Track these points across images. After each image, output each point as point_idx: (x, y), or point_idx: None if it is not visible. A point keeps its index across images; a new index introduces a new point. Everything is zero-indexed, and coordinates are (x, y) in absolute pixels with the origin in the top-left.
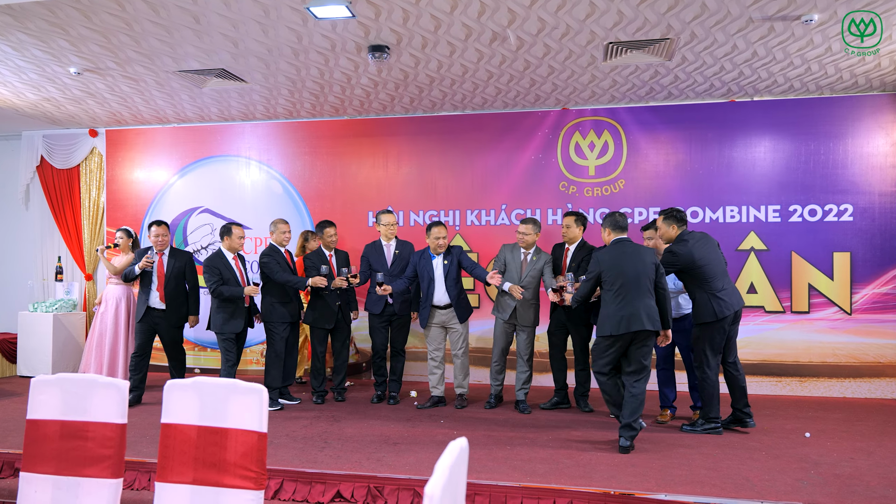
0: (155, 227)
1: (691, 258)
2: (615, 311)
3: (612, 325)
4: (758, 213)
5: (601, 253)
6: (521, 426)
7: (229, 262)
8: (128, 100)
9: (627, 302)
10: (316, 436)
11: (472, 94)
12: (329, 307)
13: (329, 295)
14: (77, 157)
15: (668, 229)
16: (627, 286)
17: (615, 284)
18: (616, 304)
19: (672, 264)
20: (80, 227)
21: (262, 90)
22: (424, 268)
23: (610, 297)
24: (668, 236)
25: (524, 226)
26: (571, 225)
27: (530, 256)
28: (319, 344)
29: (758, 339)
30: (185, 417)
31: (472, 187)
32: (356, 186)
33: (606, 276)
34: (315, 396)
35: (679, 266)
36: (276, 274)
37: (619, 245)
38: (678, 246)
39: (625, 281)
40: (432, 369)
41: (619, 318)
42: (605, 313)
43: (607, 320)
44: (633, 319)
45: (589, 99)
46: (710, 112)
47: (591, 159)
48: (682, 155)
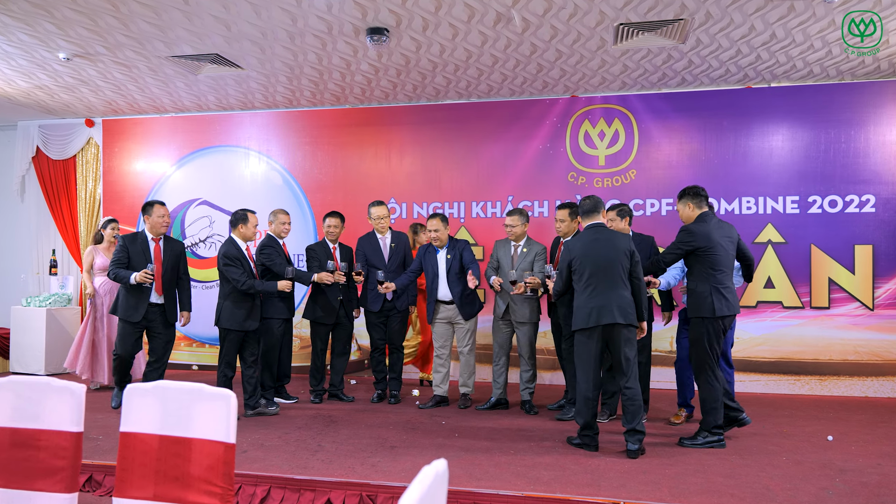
0: (158, 206)
1: (708, 238)
2: (584, 303)
3: (582, 318)
4: (775, 205)
5: (572, 240)
6: (526, 428)
7: (244, 253)
8: (122, 88)
9: (598, 293)
10: (309, 438)
11: (477, 81)
12: (330, 303)
13: (330, 290)
14: (73, 147)
15: (684, 209)
16: (598, 276)
17: (584, 274)
18: (586, 295)
19: (685, 244)
20: (77, 219)
21: (260, 77)
22: (429, 262)
23: (580, 288)
24: (685, 216)
25: (510, 217)
26: (566, 219)
27: (521, 249)
28: (320, 341)
29: (775, 335)
30: (145, 426)
31: (477, 178)
32: (358, 178)
33: (576, 266)
34: (313, 395)
35: (693, 246)
36: (278, 266)
37: (591, 231)
38: (697, 225)
39: (595, 270)
40: (437, 367)
41: (589, 309)
42: (575, 305)
43: (577, 312)
44: (604, 312)
45: (599, 86)
46: (725, 99)
47: (601, 149)
48: (695, 144)
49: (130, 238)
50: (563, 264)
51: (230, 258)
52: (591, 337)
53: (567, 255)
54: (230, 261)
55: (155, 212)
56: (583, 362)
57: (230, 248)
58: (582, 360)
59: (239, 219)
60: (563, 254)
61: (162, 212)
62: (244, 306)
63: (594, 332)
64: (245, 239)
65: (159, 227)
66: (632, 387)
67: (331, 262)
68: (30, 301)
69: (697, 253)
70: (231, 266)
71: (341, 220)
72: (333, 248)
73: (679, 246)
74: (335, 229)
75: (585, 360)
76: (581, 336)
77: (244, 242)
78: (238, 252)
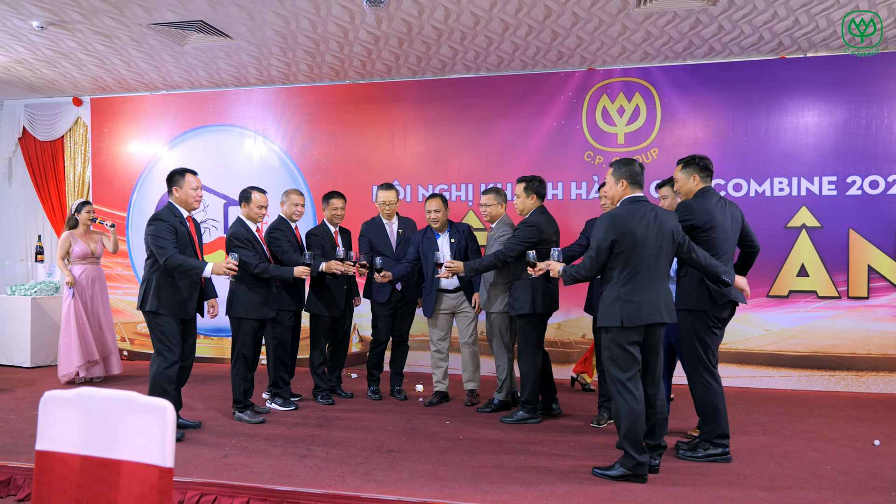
0: (191, 175)
1: (710, 216)
2: (627, 295)
3: (627, 314)
4: (810, 186)
5: (615, 215)
6: (539, 430)
7: (255, 234)
8: (106, 61)
9: (645, 285)
10: (299, 440)
11: (485, 52)
12: (335, 294)
13: (336, 280)
14: (61, 127)
15: (688, 180)
16: (645, 264)
17: (630, 259)
18: (629, 287)
19: (682, 221)
20: (65, 203)
21: (251, 48)
22: (428, 248)
23: (619, 277)
24: (686, 189)
25: (485, 196)
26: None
27: (494, 230)
28: (324, 336)
29: (809, 328)
30: (65, 444)
31: (487, 158)
32: (359, 158)
33: (622, 247)
34: (320, 396)
35: (690, 224)
36: (285, 253)
37: (635, 206)
38: (697, 201)
39: (643, 257)
40: (438, 361)
41: (637, 304)
42: (608, 296)
43: (614, 306)
44: (652, 309)
45: (619, 56)
46: (756, 71)
47: (621, 126)
48: (723, 120)
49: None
50: (602, 242)
51: (239, 239)
52: (632, 338)
53: (608, 231)
54: (240, 242)
55: (186, 183)
56: (622, 371)
57: (239, 229)
58: (620, 366)
59: (242, 198)
60: (601, 229)
61: (198, 184)
62: (259, 292)
63: (636, 332)
64: (251, 219)
65: (197, 202)
66: (660, 396)
67: (340, 249)
68: (14, 289)
69: (694, 233)
70: (241, 248)
71: (345, 202)
72: (335, 233)
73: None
74: (341, 211)
75: (626, 366)
76: (620, 336)
77: (253, 224)
78: (248, 233)
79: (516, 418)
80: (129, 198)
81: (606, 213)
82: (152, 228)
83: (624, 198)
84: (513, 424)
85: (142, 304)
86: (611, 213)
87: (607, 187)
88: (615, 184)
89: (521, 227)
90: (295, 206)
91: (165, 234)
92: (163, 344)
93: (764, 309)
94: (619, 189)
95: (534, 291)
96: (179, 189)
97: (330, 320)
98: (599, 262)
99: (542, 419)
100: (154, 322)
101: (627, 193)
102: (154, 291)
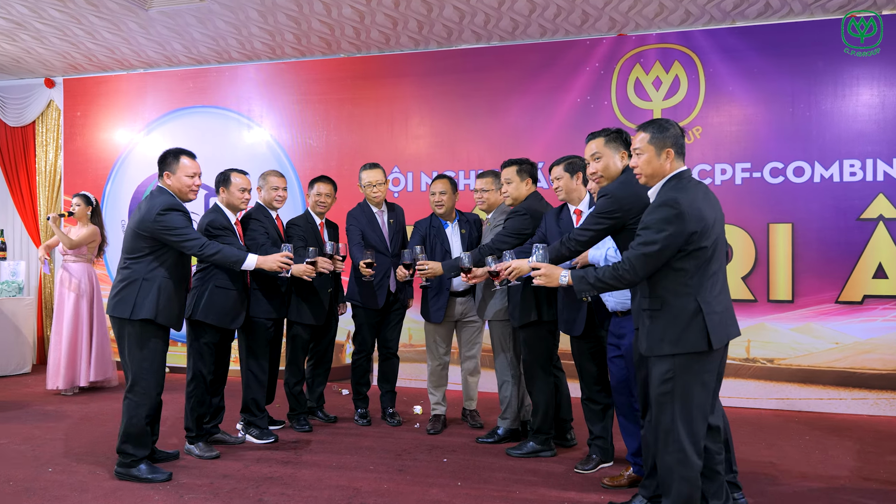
0: (187, 159)
1: (699, 219)
2: (709, 305)
3: (711, 329)
4: (889, 170)
5: (682, 200)
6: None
7: (233, 225)
8: (67, 32)
9: (722, 288)
10: (253, 484)
11: (497, 13)
12: (320, 298)
13: (321, 281)
14: (32, 112)
15: (659, 156)
16: (721, 260)
17: (710, 258)
18: (710, 293)
19: (606, 215)
20: (35, 194)
21: (225, 13)
22: (435, 240)
23: (689, 280)
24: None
25: (481, 179)
26: (513, 178)
27: (491, 221)
28: (302, 349)
29: (888, 341)
30: None
31: (499, 141)
32: (355, 143)
33: (704, 241)
34: (296, 423)
35: (618, 220)
36: (262, 248)
37: (693, 184)
38: (680, 192)
39: (719, 251)
40: (440, 380)
41: (717, 317)
42: (684, 310)
43: (694, 321)
44: (732, 319)
45: (654, 18)
46: (821, 32)
47: (657, 101)
48: (780, 93)
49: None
50: (672, 237)
51: (216, 227)
52: (715, 364)
53: (682, 220)
54: (218, 231)
55: (243, 183)
56: (696, 406)
57: (216, 217)
58: (693, 401)
59: (219, 181)
60: (666, 218)
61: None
62: (229, 296)
63: (719, 355)
64: (230, 207)
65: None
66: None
67: (329, 244)
68: None
69: (621, 227)
70: (219, 238)
71: (333, 188)
72: (320, 225)
73: (593, 223)
74: (327, 199)
75: (702, 412)
76: (701, 364)
77: (231, 212)
78: (226, 221)
79: (526, 450)
80: (104, 187)
81: (670, 198)
82: (165, 220)
83: (674, 172)
84: (522, 458)
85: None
86: (674, 196)
87: (646, 160)
88: (657, 155)
89: (513, 217)
90: (275, 191)
91: (184, 223)
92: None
93: (832, 317)
94: (663, 162)
95: (537, 294)
96: (172, 175)
97: (310, 330)
98: (659, 263)
99: (556, 451)
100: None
101: (676, 167)
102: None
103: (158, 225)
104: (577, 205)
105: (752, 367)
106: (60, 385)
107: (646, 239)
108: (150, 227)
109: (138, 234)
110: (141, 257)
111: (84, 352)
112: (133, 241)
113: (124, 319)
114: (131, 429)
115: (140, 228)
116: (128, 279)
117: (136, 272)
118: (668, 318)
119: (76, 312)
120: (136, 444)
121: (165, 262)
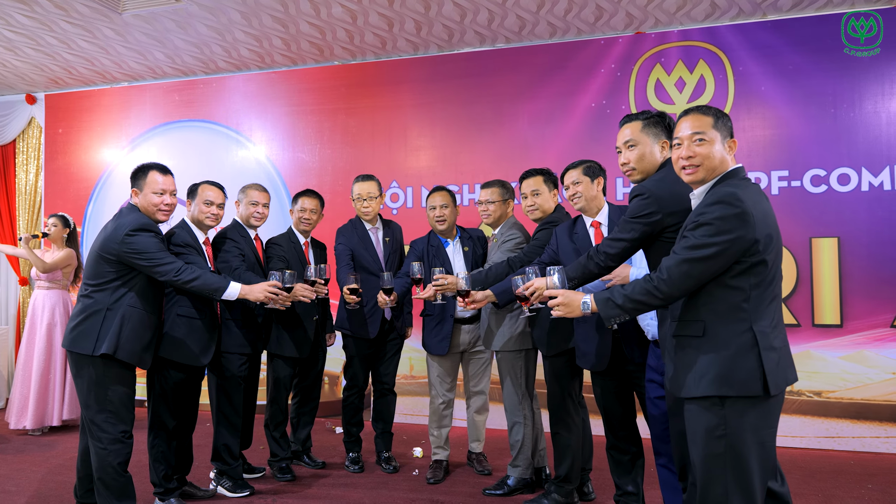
0: (156, 173)
1: (764, 223)
2: (766, 339)
3: (769, 369)
4: None
5: (744, 199)
6: None
7: (200, 245)
8: (41, 42)
9: (780, 318)
10: None
11: (501, 10)
12: (304, 328)
13: (303, 307)
14: (13, 129)
15: (723, 144)
16: (780, 283)
17: (771, 277)
18: (766, 322)
19: (642, 219)
20: (15, 216)
21: (205, 15)
22: (435, 260)
23: (741, 303)
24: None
25: (486, 190)
26: (542, 190)
27: (497, 237)
28: (285, 386)
29: None
30: None
31: (507, 152)
32: (350, 156)
33: (767, 255)
34: (277, 470)
35: (657, 224)
36: (235, 272)
37: (751, 184)
38: (742, 189)
39: (779, 269)
40: (443, 420)
41: (776, 354)
42: (732, 341)
43: (748, 357)
44: (790, 362)
45: (676, 13)
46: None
47: (681, 103)
48: (821, 92)
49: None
50: (729, 244)
51: (177, 244)
52: (772, 416)
53: (742, 224)
54: (179, 248)
55: (248, 199)
56: (755, 472)
57: (179, 233)
58: (751, 466)
59: (188, 194)
60: (725, 219)
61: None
62: (194, 328)
63: (777, 406)
64: (197, 223)
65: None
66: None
67: (312, 268)
68: None
69: (653, 234)
70: (181, 257)
71: (320, 204)
72: (305, 245)
73: (622, 232)
74: (312, 215)
75: (761, 466)
76: (759, 414)
77: (197, 228)
78: (189, 238)
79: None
80: (85, 208)
81: (728, 193)
82: (135, 242)
83: (729, 169)
84: None
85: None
86: (733, 192)
87: (709, 150)
88: (722, 142)
89: (545, 230)
90: (253, 206)
91: (156, 246)
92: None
93: (888, 343)
94: (727, 154)
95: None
96: (139, 192)
97: (293, 363)
98: (706, 276)
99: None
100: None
101: (732, 164)
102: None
103: (126, 247)
104: (595, 216)
105: (797, 400)
106: (28, 424)
107: (696, 242)
108: (115, 249)
109: (102, 258)
110: (104, 284)
111: (57, 387)
112: (96, 266)
113: (84, 356)
114: (107, 480)
115: (104, 251)
116: (89, 309)
117: (100, 301)
118: (712, 349)
119: (49, 343)
120: (121, 496)
121: (133, 288)
